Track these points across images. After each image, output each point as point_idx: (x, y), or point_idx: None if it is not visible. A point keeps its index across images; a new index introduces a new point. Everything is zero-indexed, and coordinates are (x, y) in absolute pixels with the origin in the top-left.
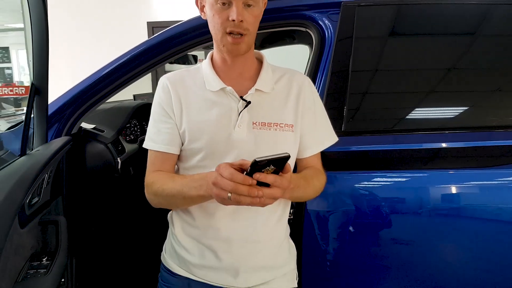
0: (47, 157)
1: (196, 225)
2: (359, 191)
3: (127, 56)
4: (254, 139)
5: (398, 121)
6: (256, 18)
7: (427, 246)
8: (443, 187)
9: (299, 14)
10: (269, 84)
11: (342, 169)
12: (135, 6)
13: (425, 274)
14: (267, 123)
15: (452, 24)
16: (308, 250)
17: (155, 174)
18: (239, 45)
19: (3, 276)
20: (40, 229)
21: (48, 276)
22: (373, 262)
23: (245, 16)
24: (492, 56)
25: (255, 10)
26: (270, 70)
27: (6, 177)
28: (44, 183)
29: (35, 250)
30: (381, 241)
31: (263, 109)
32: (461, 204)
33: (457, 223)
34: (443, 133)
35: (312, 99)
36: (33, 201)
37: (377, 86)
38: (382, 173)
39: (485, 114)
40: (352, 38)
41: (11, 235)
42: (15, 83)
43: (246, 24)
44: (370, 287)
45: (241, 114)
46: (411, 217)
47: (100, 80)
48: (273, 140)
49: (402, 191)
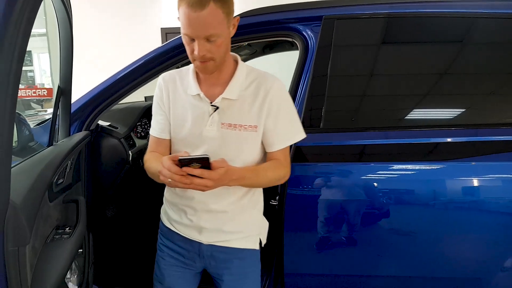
0: (70, 147)
1: (177, 193)
2: (333, 180)
3: (139, 62)
4: (221, 137)
5: (369, 120)
6: (219, 47)
7: (374, 220)
8: (394, 176)
9: (286, 26)
10: (236, 92)
11: (319, 161)
12: (149, 13)
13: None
14: (233, 124)
15: (416, 34)
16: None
17: (149, 155)
18: (207, 68)
19: (36, 237)
20: (64, 206)
21: (70, 239)
22: (339, 239)
23: (208, 49)
24: (446, 62)
25: (218, 41)
26: (243, 75)
27: (38, 161)
28: (67, 168)
29: (60, 222)
30: (344, 217)
31: (230, 112)
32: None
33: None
34: (403, 131)
35: (277, 102)
36: (58, 182)
37: (351, 89)
38: (354, 164)
39: (433, 114)
40: (331, 47)
41: (42, 205)
42: (37, 85)
43: (209, 54)
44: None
45: (212, 116)
46: (370, 200)
47: (116, 83)
48: (238, 139)
49: (366, 179)
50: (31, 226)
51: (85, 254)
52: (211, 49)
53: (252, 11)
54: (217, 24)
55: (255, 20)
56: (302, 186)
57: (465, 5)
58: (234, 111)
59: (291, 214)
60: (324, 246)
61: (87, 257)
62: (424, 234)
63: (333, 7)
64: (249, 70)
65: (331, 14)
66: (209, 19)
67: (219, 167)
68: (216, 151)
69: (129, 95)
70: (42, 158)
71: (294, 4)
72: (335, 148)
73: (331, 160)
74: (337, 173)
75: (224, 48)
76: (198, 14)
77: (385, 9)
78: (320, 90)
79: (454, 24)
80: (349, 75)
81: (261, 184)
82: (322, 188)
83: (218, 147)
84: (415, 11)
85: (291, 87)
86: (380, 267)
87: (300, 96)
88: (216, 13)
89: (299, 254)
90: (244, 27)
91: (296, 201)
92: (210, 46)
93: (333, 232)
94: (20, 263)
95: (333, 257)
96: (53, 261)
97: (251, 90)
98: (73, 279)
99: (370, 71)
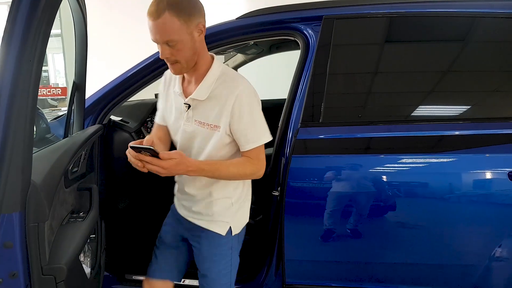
0: (84, 138)
1: (177, 180)
2: (332, 171)
3: (149, 60)
4: (193, 132)
5: (367, 115)
6: (180, 51)
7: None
8: (388, 167)
9: (289, 26)
10: (204, 93)
11: (319, 153)
12: None
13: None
14: (202, 122)
15: (412, 34)
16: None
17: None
18: (175, 69)
19: (53, 217)
20: (78, 193)
21: (84, 222)
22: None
23: (169, 52)
24: (442, 61)
25: (178, 45)
26: (215, 77)
27: (55, 149)
28: (81, 157)
29: (74, 208)
30: (340, 206)
31: (199, 111)
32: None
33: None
34: (397, 125)
35: (239, 107)
36: (73, 170)
37: (349, 86)
38: (352, 156)
39: (423, 109)
40: (330, 46)
41: (59, 190)
42: (51, 85)
43: (173, 57)
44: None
45: (187, 112)
46: (365, 190)
47: (126, 80)
48: (203, 135)
49: (360, 170)
50: (49, 205)
51: (97, 239)
52: (173, 52)
53: (256, 11)
54: (174, 31)
55: (258, 20)
56: (302, 178)
57: (463, 5)
58: (202, 110)
59: (291, 204)
60: (321, 234)
61: (100, 242)
62: (415, 225)
63: (333, 7)
64: (223, 71)
65: (330, 14)
66: (165, 27)
67: (168, 158)
68: (186, 143)
69: (139, 92)
70: (58, 147)
71: (295, 5)
72: (334, 141)
73: (330, 152)
74: (336, 165)
75: (188, 52)
76: (155, 22)
77: (382, 9)
78: (319, 86)
79: (452, 23)
80: (347, 73)
81: (224, 177)
82: (322, 179)
83: (187, 140)
84: (411, 11)
85: (292, 84)
86: (376, 254)
87: (300, 92)
88: (172, 21)
89: (298, 242)
90: (248, 26)
91: (296, 191)
92: (171, 50)
93: (330, 220)
94: (39, 238)
95: (330, 244)
96: (68, 240)
97: (218, 91)
98: (87, 262)
99: (368, 69)
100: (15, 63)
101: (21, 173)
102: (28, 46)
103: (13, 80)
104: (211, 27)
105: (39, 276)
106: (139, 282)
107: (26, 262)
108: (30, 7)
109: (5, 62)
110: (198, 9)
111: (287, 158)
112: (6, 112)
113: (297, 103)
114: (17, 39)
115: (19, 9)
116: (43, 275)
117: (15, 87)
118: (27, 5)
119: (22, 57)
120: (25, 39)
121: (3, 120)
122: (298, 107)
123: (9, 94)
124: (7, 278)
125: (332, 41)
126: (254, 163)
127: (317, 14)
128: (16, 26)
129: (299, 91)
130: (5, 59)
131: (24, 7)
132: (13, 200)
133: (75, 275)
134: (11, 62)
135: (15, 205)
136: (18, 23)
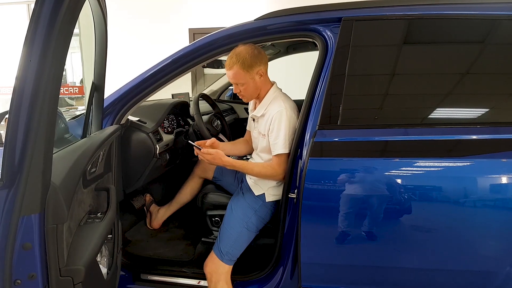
0: (102, 139)
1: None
2: (350, 173)
3: (167, 60)
4: (256, 137)
5: (385, 118)
6: (245, 89)
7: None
8: (405, 171)
9: (307, 27)
10: (260, 112)
11: (337, 156)
12: (178, 14)
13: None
14: (259, 131)
15: (429, 36)
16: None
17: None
18: (244, 99)
19: (71, 218)
20: (96, 194)
21: (101, 223)
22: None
23: (239, 89)
24: (462, 64)
25: (244, 86)
26: (269, 101)
27: (74, 150)
28: (100, 158)
29: (92, 208)
30: (356, 210)
31: (259, 124)
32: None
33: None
34: (417, 128)
35: (273, 124)
36: (91, 170)
37: (368, 88)
38: (372, 159)
39: (446, 113)
40: (349, 47)
41: (77, 191)
42: (69, 84)
43: (241, 92)
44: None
45: (254, 123)
46: (381, 194)
47: (144, 81)
48: (260, 140)
49: (379, 173)
50: (68, 206)
51: (114, 239)
52: (241, 89)
53: (274, 12)
54: (240, 77)
55: (277, 22)
56: (320, 180)
57: (483, 7)
58: (259, 123)
59: (308, 206)
60: (337, 237)
61: (116, 242)
62: (433, 229)
63: (352, 9)
64: (275, 96)
65: (350, 16)
66: (234, 75)
67: (206, 153)
68: (254, 143)
69: (157, 92)
70: (77, 148)
71: (314, 6)
72: (352, 144)
73: (348, 155)
74: (354, 168)
75: (251, 90)
76: (229, 71)
77: (401, 11)
78: (338, 89)
79: (472, 26)
80: (366, 74)
81: (250, 173)
82: (340, 182)
83: (254, 142)
84: (431, 13)
85: (310, 86)
86: (392, 259)
87: (319, 94)
88: (238, 72)
89: (314, 245)
90: (266, 28)
91: (314, 194)
92: (240, 88)
93: (346, 223)
94: (58, 239)
95: (346, 248)
96: (86, 241)
97: (267, 111)
98: (103, 262)
99: (387, 71)
100: (38, 64)
101: (41, 175)
102: (51, 46)
103: (36, 80)
104: (229, 28)
105: (57, 278)
106: (155, 282)
107: (44, 264)
108: (53, 7)
109: (28, 62)
110: (259, 60)
111: (304, 161)
112: (28, 113)
113: (315, 105)
114: (40, 39)
115: (42, 9)
116: (61, 277)
117: (37, 87)
118: (50, 5)
119: (44, 58)
120: (48, 40)
121: (25, 121)
122: (316, 109)
123: (31, 95)
124: (25, 279)
125: (351, 42)
126: (273, 168)
127: (336, 15)
128: (39, 27)
129: (317, 93)
130: (27, 59)
131: (47, 7)
132: (33, 202)
133: (92, 276)
134: (34, 62)
135: (35, 207)
136: (41, 23)
